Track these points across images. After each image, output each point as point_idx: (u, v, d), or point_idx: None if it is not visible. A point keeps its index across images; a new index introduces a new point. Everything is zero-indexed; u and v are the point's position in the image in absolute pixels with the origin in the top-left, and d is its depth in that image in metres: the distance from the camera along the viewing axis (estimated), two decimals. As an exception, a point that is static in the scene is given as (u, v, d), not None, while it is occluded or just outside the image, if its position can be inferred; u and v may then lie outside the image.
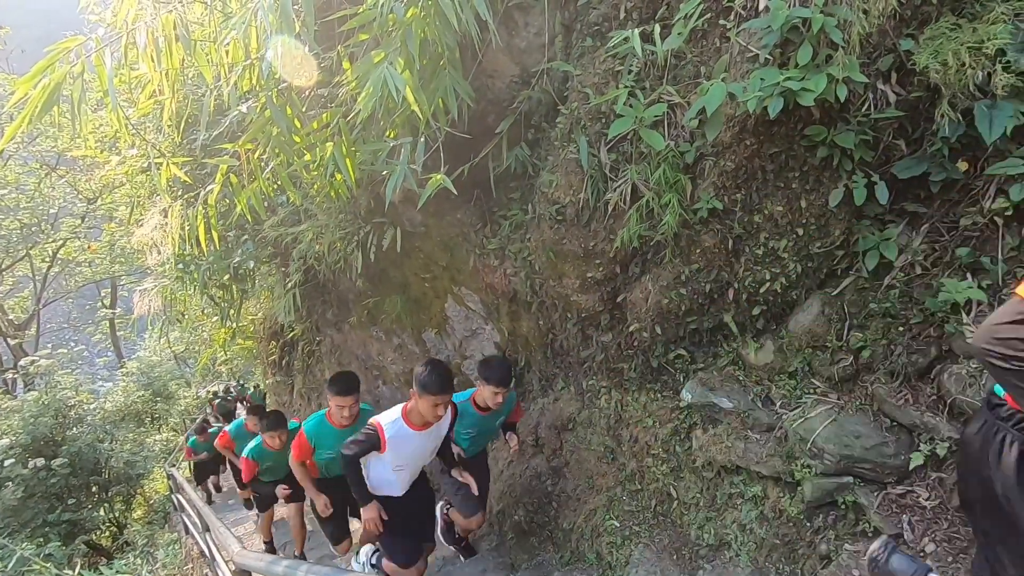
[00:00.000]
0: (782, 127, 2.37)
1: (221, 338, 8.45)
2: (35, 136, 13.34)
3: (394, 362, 5.52)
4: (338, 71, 3.12)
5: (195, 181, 4.13)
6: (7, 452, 7.90)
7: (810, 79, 2.12)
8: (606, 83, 2.81)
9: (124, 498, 10.40)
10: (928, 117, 2.27)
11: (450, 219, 3.90)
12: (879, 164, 2.40)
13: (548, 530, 3.80)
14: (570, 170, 2.96)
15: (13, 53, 15.00)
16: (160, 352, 18.04)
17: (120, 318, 18.82)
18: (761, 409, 2.71)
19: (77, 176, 14.48)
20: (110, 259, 15.81)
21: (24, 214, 13.78)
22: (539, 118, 3.29)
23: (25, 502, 7.83)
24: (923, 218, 2.42)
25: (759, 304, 2.75)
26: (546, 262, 3.29)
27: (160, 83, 2.91)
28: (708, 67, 2.55)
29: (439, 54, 2.71)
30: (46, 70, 2.55)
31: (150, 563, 6.24)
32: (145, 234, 4.38)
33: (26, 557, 5.36)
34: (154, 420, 14.17)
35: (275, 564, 2.00)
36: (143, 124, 4.82)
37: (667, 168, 2.59)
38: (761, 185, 2.53)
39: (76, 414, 9.25)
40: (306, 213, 4.36)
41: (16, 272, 16.06)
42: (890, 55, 2.23)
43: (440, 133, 2.97)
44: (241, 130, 3.44)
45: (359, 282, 4.67)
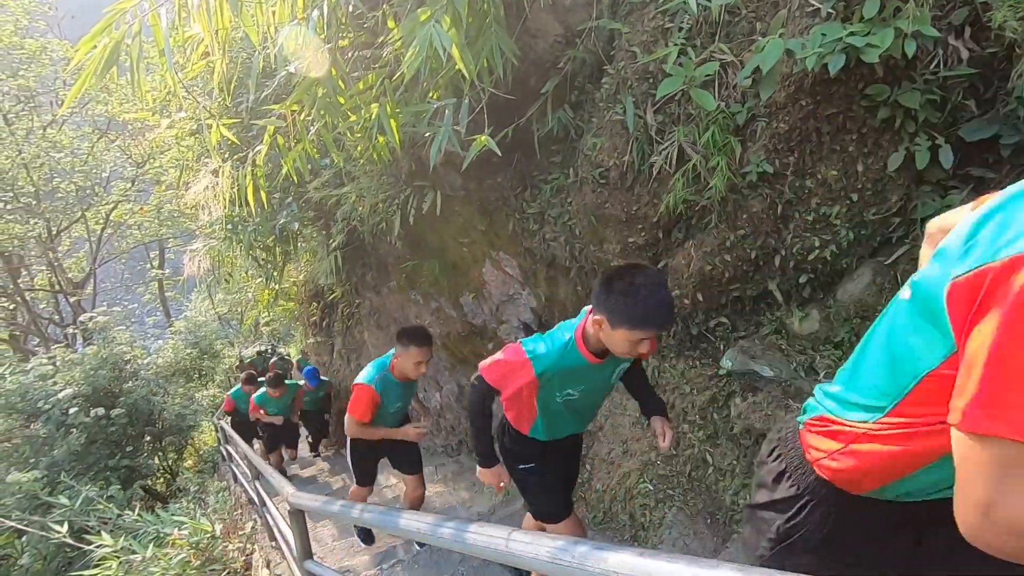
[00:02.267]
0: (841, 86, 2.27)
1: (264, 299, 8.74)
2: (87, 101, 13.77)
3: (431, 325, 5.62)
4: (382, 31, 3.11)
5: (243, 143, 4.22)
6: (71, 401, 8.44)
7: (876, 34, 2.01)
8: (655, 41, 2.73)
9: (176, 448, 11.03)
10: (1003, 75, 2.13)
11: (490, 183, 3.90)
12: (945, 126, 2.28)
13: (581, 491, 3.88)
14: (615, 132, 2.92)
15: (64, 19, 15.41)
16: (205, 312, 18.79)
17: (168, 279, 19.60)
18: (804, 379, 2.68)
19: (127, 140, 14.95)
20: (158, 222, 16.40)
21: (79, 177, 14.35)
22: (583, 79, 3.23)
23: (88, 448, 8.40)
24: (989, 184, 2.30)
25: (806, 272, 2.69)
26: (587, 227, 3.28)
27: (211, 44, 2.95)
28: (764, 23, 2.44)
29: (485, 12, 2.67)
30: (104, 31, 2.62)
31: (202, 508, 6.64)
32: (197, 194, 4.53)
33: (91, 497, 5.79)
34: (201, 376, 14.86)
35: (330, 504, 2.12)
36: (193, 86, 4.93)
37: (716, 130, 2.53)
38: (815, 148, 2.45)
39: (131, 368, 9.76)
40: (348, 176, 4.42)
41: (73, 233, 16.84)
42: (965, 8, 2.10)
43: (483, 94, 2.95)
44: (287, 92, 3.48)
45: (398, 245, 4.74)
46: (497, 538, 1.08)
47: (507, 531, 1.07)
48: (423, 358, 2.94)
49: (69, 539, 4.80)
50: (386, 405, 3.11)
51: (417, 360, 2.93)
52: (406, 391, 3.27)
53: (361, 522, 1.85)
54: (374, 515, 1.75)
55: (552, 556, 0.93)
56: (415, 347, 2.91)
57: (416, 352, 2.92)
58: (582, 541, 0.91)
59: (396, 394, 3.16)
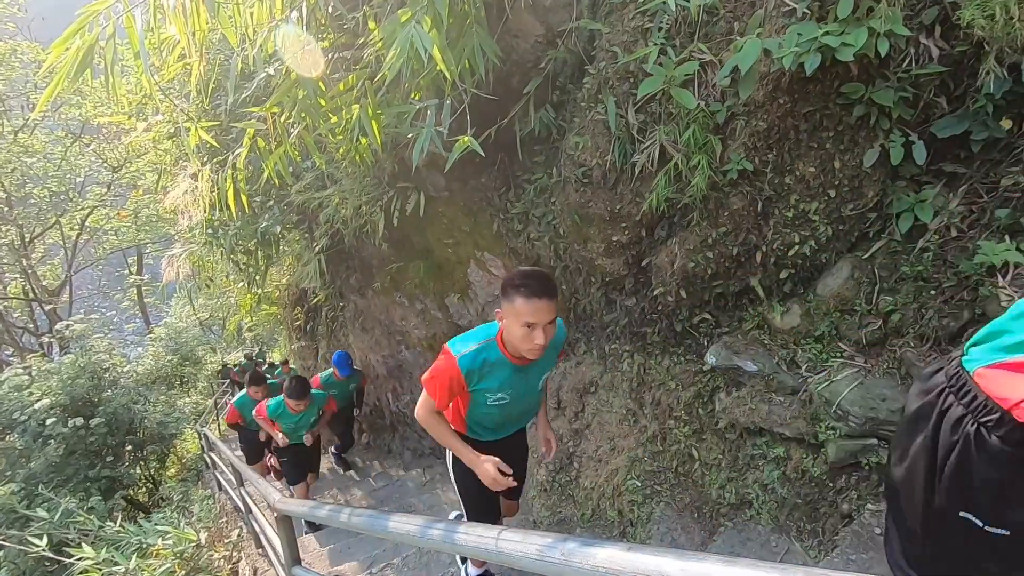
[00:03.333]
0: (818, 85, 2.31)
1: (247, 304, 8.64)
2: (60, 105, 13.49)
3: (417, 327, 5.61)
4: (363, 32, 3.10)
5: (222, 146, 4.17)
6: (48, 412, 8.26)
7: (850, 33, 2.05)
8: (635, 41, 2.75)
9: (158, 457, 10.84)
10: (972, 73, 2.19)
11: (474, 183, 3.90)
12: (918, 123, 2.34)
13: (569, 489, 3.90)
14: (597, 132, 2.93)
15: (34, 21, 15.07)
16: (186, 318, 18.52)
17: (147, 285, 19.27)
18: (786, 372, 2.72)
19: (102, 144, 14.67)
20: (135, 227, 16.12)
21: (52, 182, 14.06)
22: (565, 79, 3.24)
23: (67, 459, 8.22)
24: (961, 179, 2.37)
25: (787, 268, 2.73)
26: (571, 226, 3.29)
27: (188, 46, 2.91)
28: (742, 23, 2.48)
29: (466, 12, 2.68)
30: (77, 33, 2.57)
31: (186, 517, 6.54)
32: (176, 198, 4.46)
33: (70, 509, 5.66)
34: (183, 383, 14.65)
35: (318, 508, 2.10)
36: (170, 89, 4.85)
37: (697, 128, 2.56)
38: (793, 145, 2.49)
39: (111, 376, 9.58)
40: (331, 178, 4.39)
41: (47, 240, 16.47)
42: (935, 7, 2.15)
43: (465, 95, 2.95)
44: (267, 94, 3.45)
45: (383, 247, 4.72)
46: (486, 537, 1.08)
47: (496, 530, 1.08)
48: (535, 318, 1.79)
49: (49, 553, 4.68)
50: (481, 391, 2.05)
51: (525, 320, 1.80)
52: (518, 379, 2.08)
53: (349, 526, 1.84)
54: (363, 519, 1.75)
55: (541, 553, 0.94)
56: (521, 298, 1.80)
57: (523, 306, 1.79)
58: (571, 537, 0.91)
59: (499, 380, 2.04)
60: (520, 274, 1.85)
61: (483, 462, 2.05)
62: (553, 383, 4.11)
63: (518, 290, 1.81)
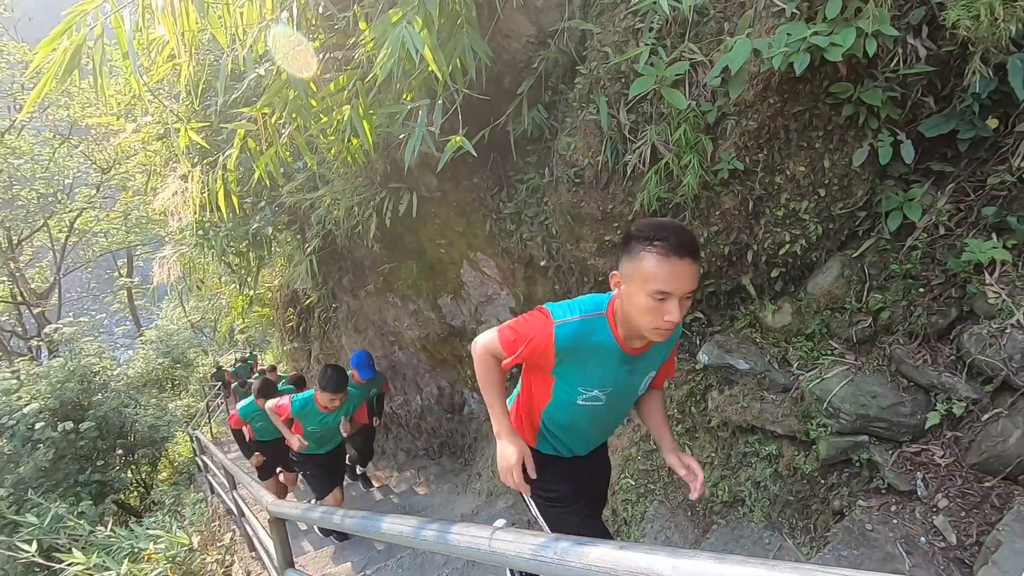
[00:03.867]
0: (807, 84, 2.33)
1: (239, 306, 8.59)
2: (47, 106, 13.35)
3: (410, 328, 5.60)
4: (354, 32, 3.08)
5: (212, 147, 4.14)
6: (37, 416, 8.17)
7: (838, 33, 2.07)
8: (626, 41, 2.76)
9: (149, 460, 10.76)
10: (959, 73, 2.21)
11: (466, 184, 3.89)
12: (906, 122, 2.36)
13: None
14: (589, 132, 2.94)
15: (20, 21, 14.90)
16: (177, 321, 18.38)
17: (137, 287, 19.11)
18: (778, 370, 2.74)
19: (90, 146, 14.53)
20: (125, 229, 15.98)
21: (40, 184, 13.90)
22: (556, 79, 3.25)
23: (56, 463, 8.14)
24: (949, 177, 2.39)
25: (778, 266, 2.75)
26: (563, 226, 3.29)
27: (177, 46, 2.89)
28: (732, 23, 2.49)
29: (456, 12, 2.67)
30: (64, 33, 2.55)
31: (178, 521, 6.49)
32: (166, 199, 4.42)
33: (60, 514, 5.61)
34: (174, 386, 14.54)
35: (311, 511, 2.09)
36: (159, 90, 4.82)
37: (688, 128, 2.57)
38: (784, 145, 2.51)
39: (101, 380, 9.50)
40: (322, 179, 4.37)
41: (35, 242, 16.30)
42: (922, 7, 2.17)
43: (457, 95, 2.94)
44: (257, 94, 3.43)
45: (375, 248, 4.71)
46: (480, 538, 1.08)
47: (489, 530, 1.08)
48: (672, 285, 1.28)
49: (39, 558, 4.63)
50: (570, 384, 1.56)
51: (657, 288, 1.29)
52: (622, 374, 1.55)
53: (343, 528, 1.83)
54: (356, 520, 1.74)
55: (534, 553, 0.94)
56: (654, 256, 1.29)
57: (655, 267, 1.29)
58: (563, 537, 0.92)
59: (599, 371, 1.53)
60: (653, 225, 1.30)
61: (511, 447, 1.49)
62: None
63: (650, 245, 1.26)
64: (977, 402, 2.20)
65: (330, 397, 3.53)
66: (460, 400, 5.78)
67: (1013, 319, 2.09)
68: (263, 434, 4.76)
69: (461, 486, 5.27)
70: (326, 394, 3.52)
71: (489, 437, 5.00)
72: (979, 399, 2.20)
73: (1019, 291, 2.12)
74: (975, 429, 2.20)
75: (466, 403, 5.71)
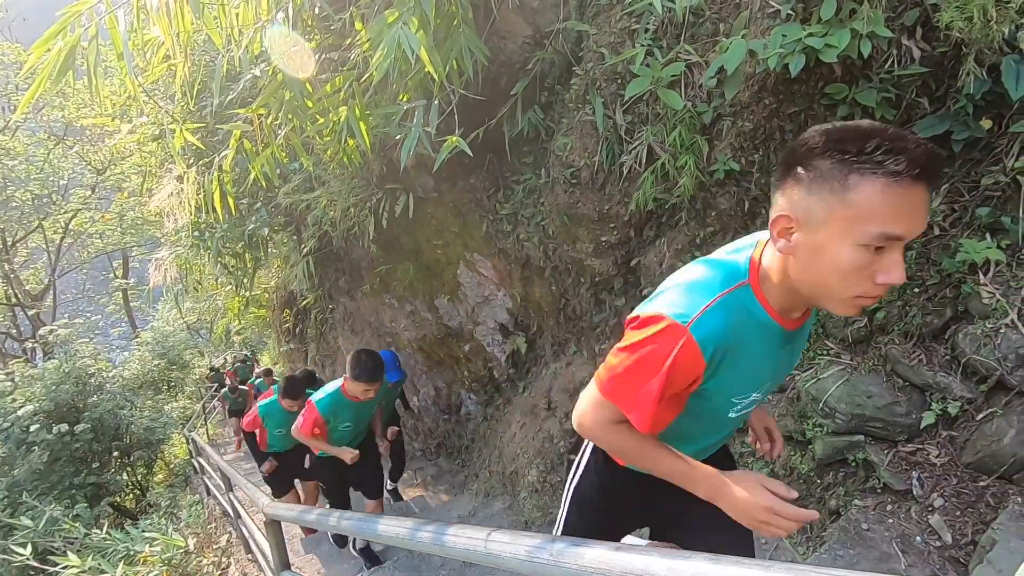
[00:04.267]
0: (802, 85, 2.33)
1: (235, 307, 8.56)
2: (41, 107, 13.30)
3: (407, 328, 5.59)
4: (350, 33, 3.08)
5: (208, 148, 4.13)
6: (32, 418, 8.13)
7: (833, 35, 2.08)
8: (622, 42, 2.77)
9: (145, 462, 10.71)
10: (953, 74, 2.22)
11: (463, 184, 3.89)
12: (901, 123, 2.37)
13: (561, 489, 3.90)
14: (585, 132, 2.94)
15: (15, 22, 14.84)
16: (173, 322, 18.33)
17: (133, 289, 19.05)
18: (774, 370, 2.74)
19: (85, 146, 14.48)
20: (121, 230, 15.92)
21: (35, 185, 13.84)
22: (553, 80, 3.25)
23: (51, 466, 8.09)
24: (943, 178, 2.40)
25: (774, 267, 2.76)
26: (559, 226, 3.30)
27: (172, 47, 2.88)
28: (727, 24, 2.50)
29: (453, 13, 2.67)
30: (58, 34, 2.54)
31: (174, 523, 6.47)
32: (161, 201, 4.41)
33: (55, 517, 5.58)
34: (170, 388, 14.49)
35: (307, 512, 2.09)
36: (154, 90, 4.80)
37: (684, 129, 2.57)
38: (779, 146, 2.51)
39: (96, 382, 9.45)
40: (319, 180, 4.37)
41: (29, 244, 16.23)
42: (916, 9, 2.18)
43: (454, 96, 2.94)
44: (253, 95, 3.42)
45: (372, 249, 4.70)
46: (476, 539, 1.08)
47: (485, 532, 1.08)
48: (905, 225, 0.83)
49: (33, 561, 4.61)
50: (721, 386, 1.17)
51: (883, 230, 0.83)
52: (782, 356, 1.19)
53: (340, 530, 1.83)
54: (353, 522, 1.74)
55: (530, 554, 0.94)
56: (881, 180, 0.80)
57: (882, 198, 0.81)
58: (560, 538, 0.92)
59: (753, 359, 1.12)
60: (870, 131, 0.81)
61: (741, 490, 1.02)
62: (544, 384, 4.12)
63: (871, 163, 0.80)
64: (972, 402, 2.21)
65: (364, 388, 2.98)
66: (457, 401, 5.78)
67: (1007, 319, 2.10)
68: (279, 443, 4.15)
69: (458, 487, 5.26)
70: (359, 384, 2.97)
71: (487, 438, 5.00)
72: (974, 399, 2.20)
73: (1013, 291, 2.13)
74: (970, 428, 2.20)
75: (463, 404, 5.71)
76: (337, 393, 3.15)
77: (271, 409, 3.49)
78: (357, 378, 2.95)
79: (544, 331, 4.21)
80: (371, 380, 2.96)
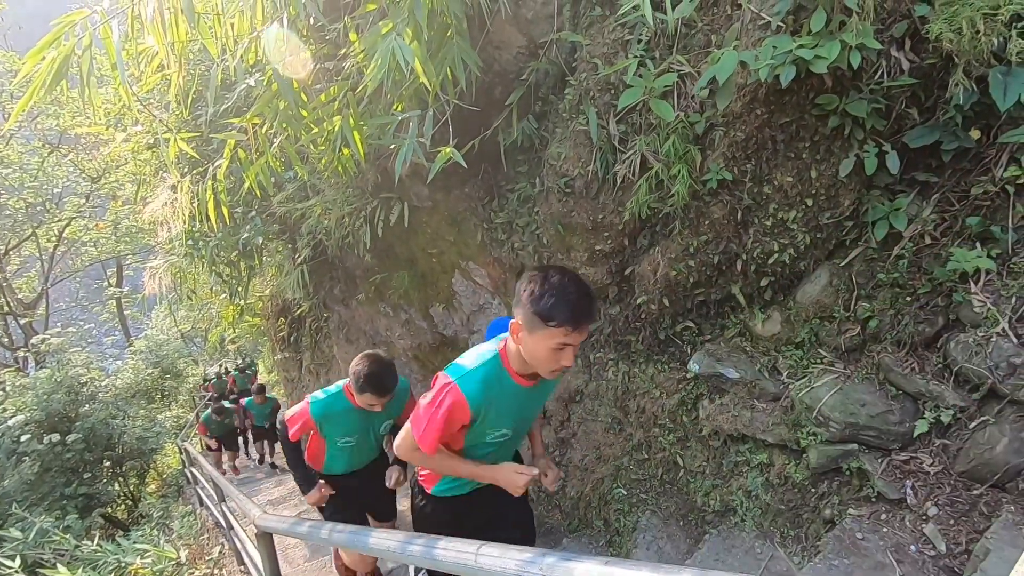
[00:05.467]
0: (793, 96, 2.35)
1: (229, 316, 8.52)
2: (36, 115, 13.27)
3: (402, 337, 5.57)
4: (344, 43, 3.09)
5: (202, 157, 4.13)
6: (23, 428, 8.04)
7: (823, 46, 2.10)
8: (615, 53, 2.79)
9: (138, 472, 10.61)
10: (942, 85, 2.25)
11: (457, 193, 3.90)
12: (891, 133, 2.39)
13: (555, 499, 3.89)
14: (579, 142, 2.96)
15: (11, 30, 14.84)
16: (167, 331, 18.22)
17: (127, 297, 18.94)
18: (768, 379, 2.75)
19: (80, 155, 14.45)
20: (115, 239, 15.86)
21: (28, 193, 13.79)
22: (547, 90, 3.27)
23: (42, 476, 8.00)
24: (933, 188, 2.42)
25: (767, 275, 2.77)
26: (554, 235, 3.30)
27: (166, 57, 2.89)
28: (719, 35, 2.52)
29: (447, 24, 2.69)
30: (52, 44, 2.54)
31: (166, 534, 6.40)
32: (155, 210, 4.39)
33: (45, 528, 5.51)
34: (164, 397, 14.38)
35: (298, 524, 2.06)
36: (149, 100, 4.80)
37: (677, 139, 2.59)
38: (771, 155, 2.53)
39: (88, 391, 9.37)
40: (313, 189, 4.37)
41: (23, 252, 16.14)
42: (905, 21, 2.21)
43: (448, 106, 2.95)
44: (248, 104, 3.43)
45: (366, 258, 4.70)
46: (466, 553, 1.07)
47: (476, 545, 1.07)
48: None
49: (22, 574, 4.55)
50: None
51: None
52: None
53: (330, 542, 1.81)
54: (343, 535, 1.72)
55: (519, 568, 0.93)
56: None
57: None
58: (549, 552, 0.91)
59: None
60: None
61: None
62: (538, 392, 4.10)
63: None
64: (964, 410, 2.22)
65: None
66: (452, 410, 5.75)
67: (998, 327, 2.11)
68: (343, 460, 2.82)
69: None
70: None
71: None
72: (966, 407, 2.21)
73: (1004, 299, 2.14)
74: (963, 437, 2.21)
75: (458, 413, 5.67)
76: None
77: (333, 406, 2.52)
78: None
79: (539, 340, 4.20)
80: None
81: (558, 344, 1.46)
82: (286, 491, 7.45)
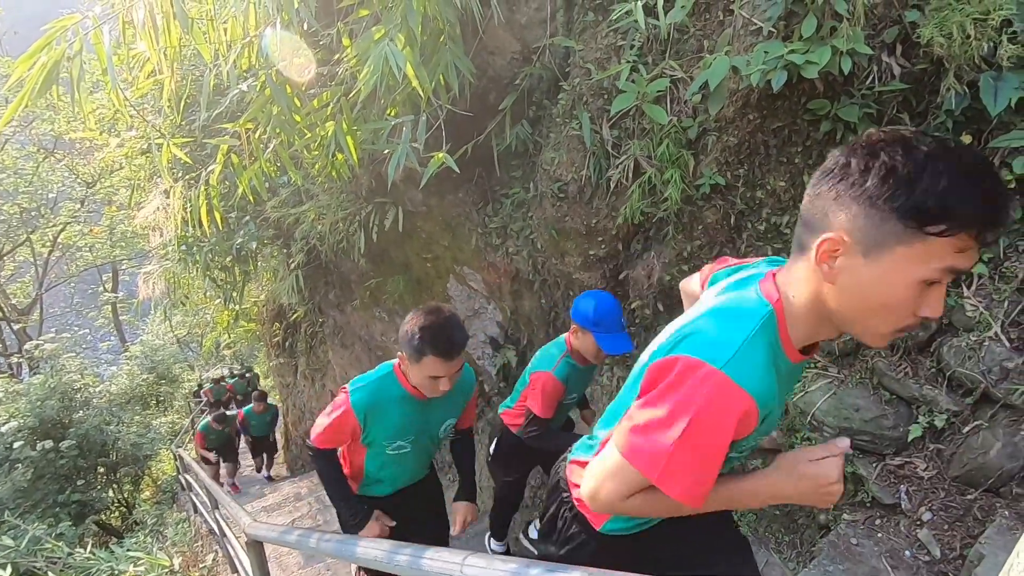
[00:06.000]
0: (785, 101, 2.36)
1: (224, 321, 8.49)
2: (31, 120, 13.24)
3: (397, 342, 5.56)
4: (338, 48, 3.09)
5: (196, 162, 4.12)
6: (15, 435, 7.98)
7: (814, 51, 2.10)
8: (608, 58, 2.79)
9: (132, 479, 10.52)
10: (933, 90, 2.25)
11: (452, 198, 3.90)
12: (882, 138, 2.39)
13: (551, 505, 3.86)
14: (572, 147, 2.96)
15: (6, 34, 14.82)
16: (163, 336, 18.14)
17: (122, 302, 18.87)
18: (762, 384, 2.74)
19: (75, 160, 14.41)
20: (110, 243, 15.80)
21: (23, 198, 13.74)
22: (540, 95, 3.27)
23: (35, 483, 7.94)
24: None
25: (761, 280, 2.76)
26: (548, 240, 3.30)
27: (159, 62, 2.88)
28: (711, 41, 2.52)
29: (440, 30, 2.69)
30: (43, 49, 2.53)
31: (160, 541, 6.35)
32: (148, 216, 4.38)
33: (38, 536, 5.46)
34: (159, 403, 14.29)
35: (287, 533, 2.04)
36: (142, 105, 4.79)
37: (670, 144, 2.59)
38: (764, 160, 2.53)
39: (82, 397, 9.30)
40: (307, 193, 4.36)
41: (17, 257, 16.07)
42: (895, 26, 2.21)
43: (441, 111, 2.95)
44: (241, 110, 3.42)
45: (361, 263, 4.69)
46: (452, 563, 1.06)
47: (462, 555, 1.06)
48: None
49: (13, 583, 4.50)
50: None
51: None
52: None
53: (319, 551, 1.79)
54: (332, 543, 1.70)
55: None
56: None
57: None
58: (535, 563, 0.90)
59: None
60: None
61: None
62: (534, 397, 4.08)
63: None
64: (958, 414, 2.21)
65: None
66: (448, 415, 5.73)
67: (991, 332, 2.11)
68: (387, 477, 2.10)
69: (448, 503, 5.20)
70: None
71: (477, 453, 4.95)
72: (960, 411, 2.21)
73: (996, 304, 2.15)
74: (956, 441, 2.21)
75: (454, 418, 5.66)
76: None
77: (382, 391, 1.86)
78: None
79: (534, 344, 4.19)
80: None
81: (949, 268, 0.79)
82: (280, 497, 7.40)
